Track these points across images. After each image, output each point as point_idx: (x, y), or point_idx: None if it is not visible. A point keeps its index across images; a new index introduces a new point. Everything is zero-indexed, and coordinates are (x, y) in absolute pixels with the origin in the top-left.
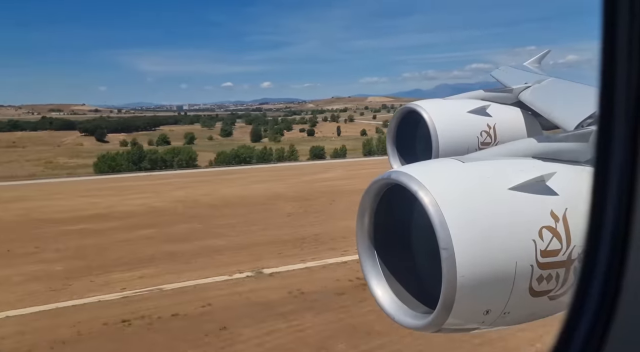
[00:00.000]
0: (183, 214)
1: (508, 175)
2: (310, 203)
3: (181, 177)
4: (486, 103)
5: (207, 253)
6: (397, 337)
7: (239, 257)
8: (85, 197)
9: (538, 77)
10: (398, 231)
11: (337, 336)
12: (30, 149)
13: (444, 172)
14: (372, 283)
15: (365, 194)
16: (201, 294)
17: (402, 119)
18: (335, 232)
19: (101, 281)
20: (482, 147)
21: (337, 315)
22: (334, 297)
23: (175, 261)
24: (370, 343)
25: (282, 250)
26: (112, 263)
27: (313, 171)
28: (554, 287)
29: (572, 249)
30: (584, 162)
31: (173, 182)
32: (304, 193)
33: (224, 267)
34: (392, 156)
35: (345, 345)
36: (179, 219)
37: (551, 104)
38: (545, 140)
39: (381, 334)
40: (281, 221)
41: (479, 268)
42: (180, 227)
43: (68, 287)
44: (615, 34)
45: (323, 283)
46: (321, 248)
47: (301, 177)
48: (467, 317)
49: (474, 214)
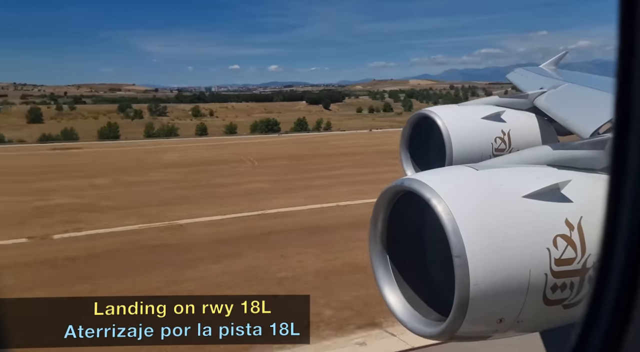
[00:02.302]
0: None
1: (522, 183)
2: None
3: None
4: (501, 109)
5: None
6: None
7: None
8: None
9: (554, 81)
10: (411, 237)
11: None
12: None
13: (458, 179)
14: (385, 289)
15: (378, 201)
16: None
17: (416, 125)
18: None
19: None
20: (496, 153)
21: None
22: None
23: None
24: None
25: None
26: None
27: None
28: (568, 296)
29: (587, 258)
30: (599, 170)
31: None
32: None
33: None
34: (405, 162)
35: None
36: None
37: (567, 111)
38: (560, 148)
39: None
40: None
41: (493, 276)
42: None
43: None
44: (633, 38)
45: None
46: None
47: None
48: (480, 325)
49: (487, 222)
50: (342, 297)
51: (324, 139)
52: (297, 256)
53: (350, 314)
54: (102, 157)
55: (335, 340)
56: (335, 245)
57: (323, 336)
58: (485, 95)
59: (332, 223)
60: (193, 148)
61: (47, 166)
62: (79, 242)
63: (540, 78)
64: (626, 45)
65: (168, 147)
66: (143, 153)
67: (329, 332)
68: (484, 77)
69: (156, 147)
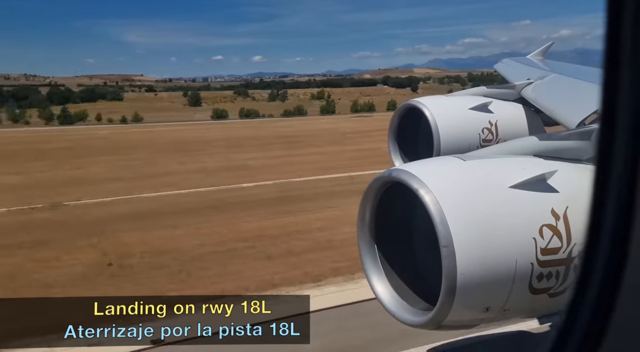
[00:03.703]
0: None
1: (509, 173)
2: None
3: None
4: (488, 100)
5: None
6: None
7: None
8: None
9: (541, 72)
10: (399, 227)
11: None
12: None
13: (445, 170)
14: (373, 279)
15: (367, 191)
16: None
17: (404, 116)
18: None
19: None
20: (483, 144)
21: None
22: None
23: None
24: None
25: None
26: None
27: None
28: (554, 285)
29: (572, 247)
30: (585, 160)
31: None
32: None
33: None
34: (393, 152)
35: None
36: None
37: (553, 101)
38: (547, 138)
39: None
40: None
41: (479, 266)
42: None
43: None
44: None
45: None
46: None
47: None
48: (467, 314)
49: (474, 212)
50: None
51: None
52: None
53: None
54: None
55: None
56: None
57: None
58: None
59: None
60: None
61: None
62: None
63: (527, 68)
64: (613, 36)
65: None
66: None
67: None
68: (468, 65)
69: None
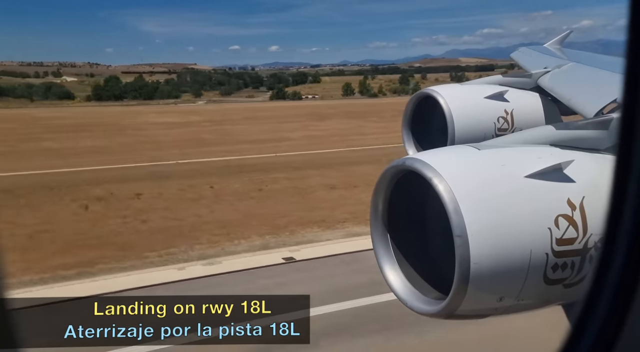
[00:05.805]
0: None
1: (524, 163)
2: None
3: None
4: (504, 88)
5: None
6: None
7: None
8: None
9: (558, 61)
10: (412, 217)
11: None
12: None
13: (460, 159)
14: (385, 268)
15: (380, 180)
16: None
17: (418, 104)
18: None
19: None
20: (499, 133)
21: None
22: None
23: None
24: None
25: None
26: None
27: None
28: (569, 276)
29: (588, 238)
30: (603, 150)
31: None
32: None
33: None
34: (407, 141)
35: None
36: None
37: (571, 90)
38: (563, 128)
39: None
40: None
41: (493, 255)
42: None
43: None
44: None
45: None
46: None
47: None
48: (480, 303)
49: (488, 202)
50: None
51: None
52: None
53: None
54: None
55: None
56: None
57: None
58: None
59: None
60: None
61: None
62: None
63: (544, 57)
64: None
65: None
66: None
67: None
68: (486, 56)
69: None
